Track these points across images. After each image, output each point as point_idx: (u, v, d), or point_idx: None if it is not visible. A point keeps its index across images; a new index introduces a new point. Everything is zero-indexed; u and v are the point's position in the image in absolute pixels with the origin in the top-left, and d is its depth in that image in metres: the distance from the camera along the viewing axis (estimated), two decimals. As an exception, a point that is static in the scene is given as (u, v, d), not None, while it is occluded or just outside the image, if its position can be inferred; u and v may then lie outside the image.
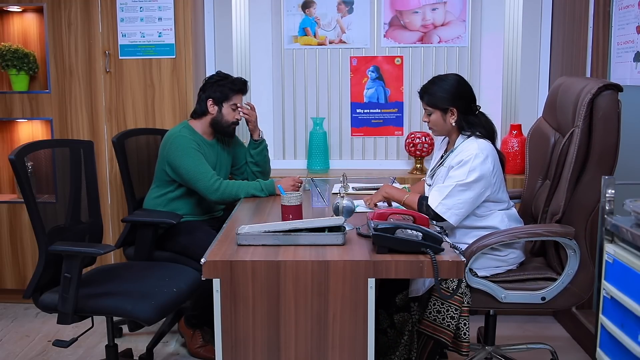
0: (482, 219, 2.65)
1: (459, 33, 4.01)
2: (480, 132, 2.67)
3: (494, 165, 2.60)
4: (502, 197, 2.68)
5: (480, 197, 2.58)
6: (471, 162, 2.56)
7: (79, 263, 2.40)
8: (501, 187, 2.67)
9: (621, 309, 1.92)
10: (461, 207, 2.56)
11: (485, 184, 2.57)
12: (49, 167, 3.82)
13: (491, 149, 2.63)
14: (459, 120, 2.69)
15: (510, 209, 2.73)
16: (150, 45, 3.84)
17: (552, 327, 3.69)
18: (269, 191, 3.12)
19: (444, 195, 2.57)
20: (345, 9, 4.05)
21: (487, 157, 2.58)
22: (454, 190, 2.55)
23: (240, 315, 2.07)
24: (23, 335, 3.59)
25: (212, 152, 3.30)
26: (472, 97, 2.73)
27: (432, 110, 2.72)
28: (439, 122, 2.72)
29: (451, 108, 2.68)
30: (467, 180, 2.55)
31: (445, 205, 2.56)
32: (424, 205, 2.61)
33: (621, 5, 3.09)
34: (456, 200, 2.55)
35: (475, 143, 2.62)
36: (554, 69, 3.89)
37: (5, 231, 3.96)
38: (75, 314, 2.45)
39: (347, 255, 2.09)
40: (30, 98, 3.92)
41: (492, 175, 2.59)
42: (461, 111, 2.69)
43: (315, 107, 4.16)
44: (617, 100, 2.42)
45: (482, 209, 2.64)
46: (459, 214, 2.57)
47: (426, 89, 2.74)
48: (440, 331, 2.48)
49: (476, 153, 2.57)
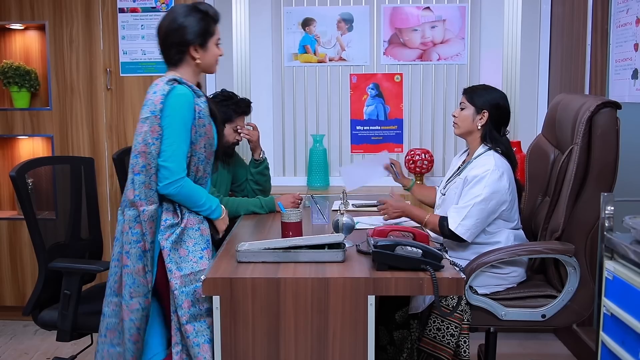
0: (489, 235, 2.64)
1: (458, 50, 4.04)
2: (501, 149, 2.67)
3: (509, 183, 2.59)
4: (513, 217, 2.68)
5: (494, 213, 2.58)
6: (487, 178, 2.55)
7: (79, 280, 2.39)
8: (514, 207, 2.66)
9: (622, 326, 1.92)
10: (479, 226, 2.58)
11: (500, 200, 2.57)
12: (49, 184, 3.83)
13: (507, 167, 2.62)
14: (486, 126, 2.69)
15: (518, 229, 2.72)
16: (151, 62, 3.86)
17: (553, 345, 3.68)
18: (269, 208, 3.12)
19: (463, 216, 2.56)
20: (345, 26, 4.08)
21: (503, 174, 2.58)
22: (473, 210, 2.55)
23: (240, 332, 2.07)
24: (22, 353, 3.58)
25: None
26: (507, 119, 2.74)
27: (467, 105, 2.72)
28: (467, 118, 2.72)
29: (484, 111, 2.69)
30: (483, 197, 2.54)
31: (465, 227, 2.56)
32: (446, 228, 2.60)
33: (619, 23, 3.12)
34: (475, 220, 2.56)
35: (493, 159, 2.61)
36: (553, 86, 3.91)
37: (5, 248, 3.95)
38: (74, 331, 2.43)
39: (347, 272, 2.09)
40: (32, 115, 3.94)
41: (508, 193, 2.59)
42: (492, 121, 2.68)
43: (315, 124, 4.17)
44: (615, 117, 2.43)
45: (492, 226, 2.64)
46: (475, 232, 2.59)
47: (475, 86, 2.77)
48: (440, 349, 2.47)
49: (492, 169, 2.56)
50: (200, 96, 2.33)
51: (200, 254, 2.27)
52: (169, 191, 2.23)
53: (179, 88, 2.25)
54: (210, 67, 2.43)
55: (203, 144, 2.31)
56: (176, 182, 2.23)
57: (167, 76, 2.29)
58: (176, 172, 2.22)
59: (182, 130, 2.23)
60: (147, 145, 2.20)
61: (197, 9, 2.33)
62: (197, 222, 2.32)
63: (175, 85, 2.25)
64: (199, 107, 2.29)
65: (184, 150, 2.25)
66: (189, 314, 2.17)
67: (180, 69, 2.36)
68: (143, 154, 2.20)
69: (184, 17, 2.30)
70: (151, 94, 2.25)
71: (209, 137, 2.35)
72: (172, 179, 2.22)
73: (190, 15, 2.31)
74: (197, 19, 2.31)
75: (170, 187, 2.23)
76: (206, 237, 2.33)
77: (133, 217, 2.22)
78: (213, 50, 2.38)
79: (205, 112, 2.32)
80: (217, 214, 2.39)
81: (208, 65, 2.40)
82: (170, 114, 2.21)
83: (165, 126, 2.21)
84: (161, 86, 2.24)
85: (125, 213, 2.25)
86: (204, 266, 2.24)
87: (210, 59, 2.39)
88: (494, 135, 2.69)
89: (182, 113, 2.23)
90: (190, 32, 2.30)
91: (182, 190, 2.24)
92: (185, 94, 2.25)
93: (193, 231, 2.30)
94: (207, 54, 2.37)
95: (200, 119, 2.28)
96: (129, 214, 2.23)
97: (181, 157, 2.24)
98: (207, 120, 2.33)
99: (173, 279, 2.19)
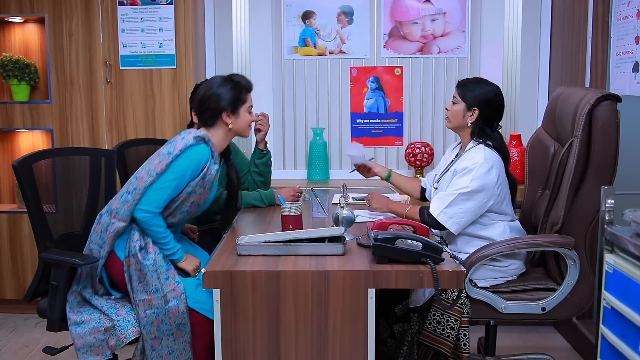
0: (485, 228, 2.64)
1: (459, 43, 4.03)
2: (491, 143, 2.67)
3: (498, 177, 2.59)
4: (506, 210, 2.67)
5: (482, 207, 2.58)
6: (475, 171, 2.55)
7: (66, 272, 2.42)
8: (505, 200, 2.66)
9: (621, 319, 1.92)
10: (462, 216, 2.56)
11: (488, 194, 2.57)
12: (49, 178, 3.83)
13: (497, 160, 2.61)
14: (476, 123, 2.68)
15: (513, 221, 2.72)
16: (151, 55, 3.85)
17: (553, 337, 3.68)
18: (269, 201, 3.11)
19: (446, 204, 2.56)
20: (345, 19, 4.07)
21: (492, 168, 2.57)
22: (456, 199, 2.55)
23: (240, 325, 2.07)
24: (22, 346, 3.59)
25: None
26: (499, 114, 2.72)
27: (458, 101, 2.71)
28: (458, 114, 2.71)
29: (474, 108, 2.68)
30: (469, 189, 2.54)
31: (447, 214, 2.56)
32: (425, 214, 2.61)
33: (620, 16, 3.11)
34: (457, 210, 2.55)
35: (483, 153, 2.61)
36: (553, 79, 3.90)
37: (5, 241, 3.96)
38: (62, 322, 2.46)
39: (347, 265, 2.09)
40: (31, 108, 3.93)
41: (496, 187, 2.58)
42: (482, 117, 2.68)
43: (315, 118, 4.17)
44: (616, 110, 2.42)
45: (485, 219, 2.64)
46: (460, 222, 2.57)
47: (468, 81, 2.74)
48: (440, 342, 2.48)
49: (481, 162, 2.56)
50: (216, 162, 2.54)
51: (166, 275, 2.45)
52: (138, 215, 2.42)
53: (201, 147, 2.47)
54: (243, 131, 2.65)
55: (191, 201, 2.50)
56: (147, 212, 2.42)
57: (200, 132, 2.50)
58: (151, 206, 2.42)
59: (179, 179, 2.43)
60: (148, 174, 2.42)
61: (231, 79, 2.61)
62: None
63: (201, 144, 2.47)
64: (209, 170, 2.49)
65: (170, 194, 2.44)
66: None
67: (212, 129, 2.58)
68: (141, 179, 2.43)
69: (217, 86, 2.58)
70: (179, 138, 2.47)
71: (201, 200, 2.55)
72: (145, 208, 2.42)
73: (224, 84, 2.59)
74: (230, 87, 2.58)
75: (142, 213, 2.42)
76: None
77: (104, 225, 2.45)
78: (245, 116, 2.62)
79: (211, 177, 2.52)
80: (177, 257, 2.53)
81: (240, 129, 2.63)
82: (180, 162, 2.42)
83: (169, 169, 2.41)
84: (189, 138, 2.45)
85: (103, 217, 2.48)
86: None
87: (242, 124, 2.62)
88: (485, 131, 2.68)
89: (189, 167, 2.43)
90: (223, 100, 2.55)
91: (149, 221, 2.43)
92: (202, 154, 2.46)
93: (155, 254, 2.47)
94: (239, 120, 2.60)
95: (202, 180, 2.47)
96: (105, 219, 2.47)
97: (165, 197, 2.43)
98: (209, 186, 2.53)
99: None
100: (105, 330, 2.38)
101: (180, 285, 2.42)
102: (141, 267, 2.40)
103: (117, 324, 2.39)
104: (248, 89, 2.64)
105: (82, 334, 2.38)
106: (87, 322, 2.39)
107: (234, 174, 2.76)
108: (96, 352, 2.38)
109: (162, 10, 3.82)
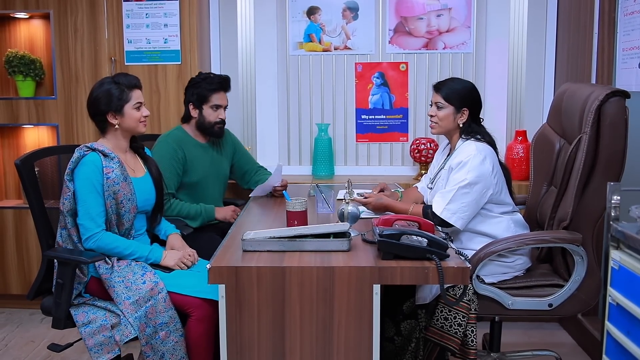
0: (489, 224, 2.64)
1: (464, 39, 4.02)
2: (481, 137, 2.68)
3: (493, 166, 2.60)
4: (505, 199, 2.68)
5: (482, 197, 2.58)
6: (470, 163, 2.56)
7: (71, 270, 2.42)
8: (503, 189, 2.67)
9: (627, 316, 1.92)
10: (465, 210, 2.56)
11: (486, 184, 2.57)
12: (54, 173, 3.83)
13: (490, 151, 2.63)
14: (466, 123, 2.69)
15: (515, 214, 2.72)
16: (156, 51, 3.85)
17: (558, 334, 3.68)
18: (207, 217, 3.21)
19: (448, 200, 2.56)
20: (350, 15, 4.06)
21: (486, 158, 2.59)
22: (457, 194, 2.55)
23: (245, 321, 2.07)
24: (28, 341, 3.60)
25: (205, 154, 3.30)
26: (480, 107, 2.77)
27: (444, 105, 2.71)
28: (448, 118, 2.71)
29: (464, 109, 2.68)
30: (467, 181, 2.55)
31: (450, 210, 2.56)
32: (430, 214, 2.60)
33: (626, 11, 3.09)
34: (460, 204, 2.55)
35: (474, 145, 2.63)
36: (559, 75, 3.89)
37: (11, 236, 3.97)
38: (68, 320, 2.47)
39: (352, 261, 2.09)
40: (37, 104, 3.94)
41: (492, 176, 2.59)
42: (471, 115, 2.70)
43: (320, 113, 4.16)
44: (624, 106, 2.41)
45: (487, 212, 2.64)
46: (464, 217, 2.57)
47: (445, 83, 2.74)
48: (448, 338, 2.48)
49: (474, 154, 2.58)
50: (112, 158, 2.53)
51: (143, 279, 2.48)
52: (87, 246, 2.47)
53: (88, 156, 2.49)
54: (133, 128, 2.64)
55: (119, 200, 2.53)
56: (91, 237, 2.46)
57: (86, 144, 2.53)
58: (90, 229, 2.47)
59: (91, 192, 2.46)
60: (62, 204, 2.49)
61: (110, 80, 2.61)
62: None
63: (86, 154, 2.49)
64: (109, 169, 2.51)
65: (96, 208, 2.47)
66: None
67: (107, 135, 2.63)
68: (61, 210, 2.50)
69: (97, 90, 2.59)
70: (69, 162, 2.51)
71: (126, 194, 2.55)
72: (87, 234, 2.47)
73: (103, 87, 2.59)
74: (109, 89, 2.58)
75: (87, 242, 2.47)
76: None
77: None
78: (131, 113, 2.60)
79: (118, 172, 2.52)
80: (154, 258, 2.58)
81: (129, 127, 2.62)
82: (79, 178, 2.47)
83: (76, 189, 2.47)
84: (74, 156, 2.49)
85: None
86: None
87: (129, 122, 2.61)
88: (473, 127, 2.71)
89: (89, 176, 2.46)
90: (103, 103, 2.57)
91: (100, 244, 2.47)
92: (91, 161, 2.48)
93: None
94: (125, 118, 2.60)
95: (108, 179, 2.49)
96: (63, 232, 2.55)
97: (93, 215, 2.47)
98: (121, 179, 2.53)
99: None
100: (112, 327, 2.40)
101: (158, 284, 2.45)
102: (107, 284, 2.44)
103: (122, 320, 2.40)
104: (130, 87, 2.60)
105: (92, 333, 2.40)
106: (94, 321, 2.42)
107: (153, 167, 2.76)
108: (106, 350, 2.40)
109: (167, 6, 3.82)
